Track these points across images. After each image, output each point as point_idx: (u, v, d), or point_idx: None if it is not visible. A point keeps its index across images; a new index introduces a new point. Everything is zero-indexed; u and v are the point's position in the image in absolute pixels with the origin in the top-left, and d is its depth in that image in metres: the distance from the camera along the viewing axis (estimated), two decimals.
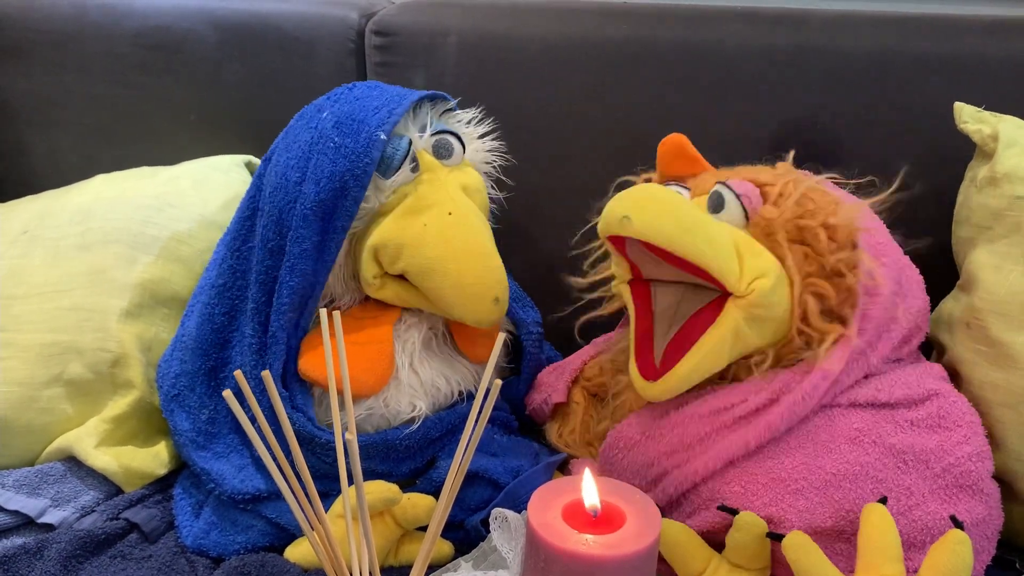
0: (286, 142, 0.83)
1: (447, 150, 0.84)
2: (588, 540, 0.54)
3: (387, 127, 0.79)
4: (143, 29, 1.16)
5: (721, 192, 0.76)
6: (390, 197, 0.81)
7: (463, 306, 0.78)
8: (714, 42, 0.98)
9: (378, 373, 0.81)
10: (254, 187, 0.86)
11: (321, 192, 0.78)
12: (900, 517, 0.67)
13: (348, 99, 0.83)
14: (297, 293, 0.80)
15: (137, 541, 0.80)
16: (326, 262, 0.80)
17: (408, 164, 0.80)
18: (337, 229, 0.79)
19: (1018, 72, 0.88)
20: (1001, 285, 0.77)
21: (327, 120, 0.80)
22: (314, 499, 0.47)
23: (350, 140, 0.78)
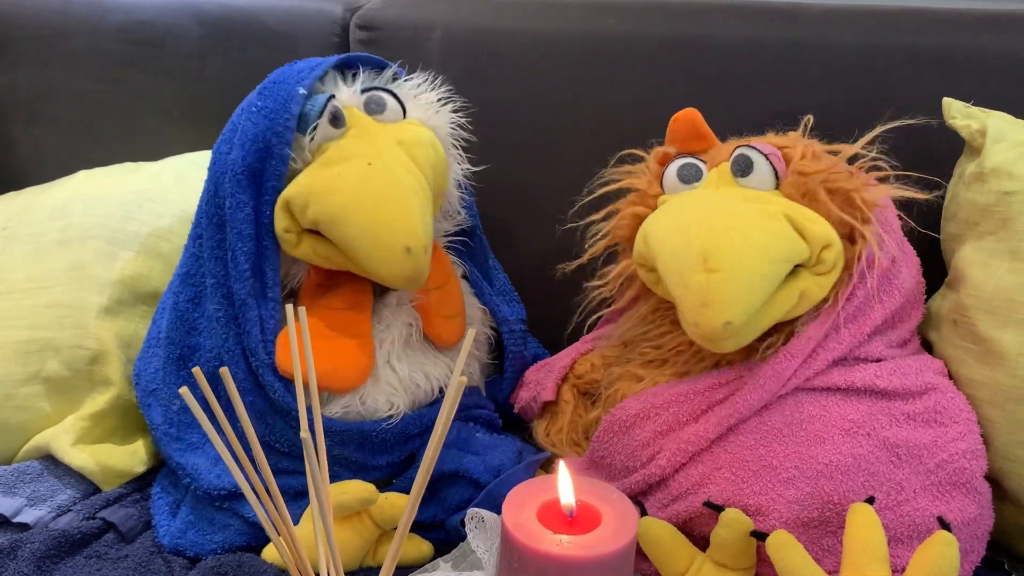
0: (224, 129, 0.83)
1: (379, 105, 0.83)
2: (562, 541, 0.53)
3: (307, 82, 0.78)
4: (127, 24, 1.15)
5: (748, 154, 0.74)
6: (315, 156, 0.79)
7: (372, 257, 0.73)
8: (704, 36, 0.97)
9: (358, 367, 0.79)
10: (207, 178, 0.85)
11: (248, 156, 0.77)
12: (889, 511, 0.67)
13: (277, 72, 0.82)
14: (250, 257, 0.78)
15: (113, 541, 0.79)
16: (266, 226, 0.78)
17: (327, 118, 0.78)
18: (268, 190, 0.78)
19: (1009, 66, 0.88)
20: (988, 282, 0.76)
21: (253, 94, 0.80)
22: (277, 499, 0.46)
23: (270, 101, 0.78)
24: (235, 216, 0.77)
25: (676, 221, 0.72)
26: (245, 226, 0.78)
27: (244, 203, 0.77)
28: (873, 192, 0.74)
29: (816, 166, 0.73)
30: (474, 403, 0.88)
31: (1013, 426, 0.72)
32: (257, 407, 0.79)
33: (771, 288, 0.68)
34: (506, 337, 0.95)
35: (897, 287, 0.76)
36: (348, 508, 0.71)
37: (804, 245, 0.69)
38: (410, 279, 0.75)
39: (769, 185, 0.74)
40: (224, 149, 0.80)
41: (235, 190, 0.77)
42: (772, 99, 0.94)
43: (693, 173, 0.79)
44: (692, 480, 0.71)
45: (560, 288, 0.92)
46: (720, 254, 0.66)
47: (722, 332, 0.66)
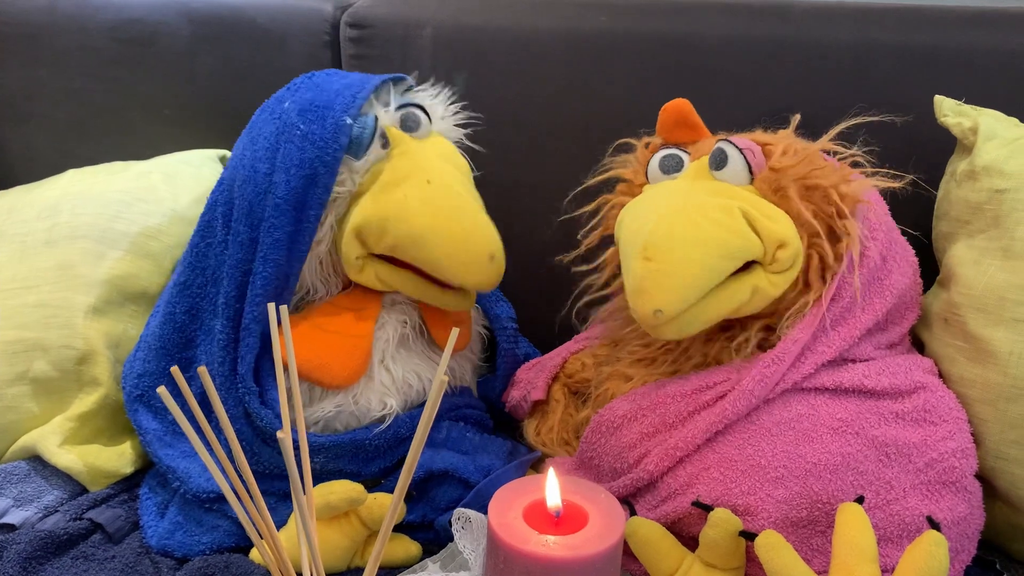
0: (251, 136, 0.82)
1: (415, 122, 0.83)
2: (548, 541, 0.53)
3: (352, 111, 0.78)
4: (117, 22, 1.14)
5: (724, 148, 0.74)
6: (365, 177, 0.79)
7: (459, 269, 0.77)
8: (694, 34, 0.97)
9: (352, 366, 0.79)
10: (218, 186, 0.84)
11: (291, 180, 0.77)
12: (878, 511, 0.66)
13: (309, 87, 0.82)
14: (271, 283, 0.78)
15: (100, 542, 0.78)
16: (299, 251, 0.79)
17: (378, 141, 0.79)
18: (310, 218, 0.78)
19: (1000, 64, 0.87)
20: (979, 280, 0.75)
21: (291, 109, 0.79)
22: (259, 502, 0.45)
23: (316, 127, 0.77)
24: (266, 240, 0.77)
25: (640, 210, 0.74)
26: (272, 251, 0.77)
27: (278, 227, 0.77)
28: (854, 186, 0.73)
29: (789, 162, 0.73)
30: (465, 403, 0.88)
31: (1004, 425, 0.72)
32: (244, 436, 0.79)
33: (712, 282, 0.68)
34: (498, 335, 0.95)
35: (888, 287, 0.75)
36: (335, 509, 0.71)
37: (756, 242, 0.69)
38: (496, 281, 0.80)
39: (743, 180, 0.74)
40: (263, 169, 0.79)
41: (273, 215, 0.77)
42: (761, 96, 0.94)
43: (674, 164, 0.78)
44: (681, 481, 0.71)
45: (553, 287, 0.92)
46: (659, 244, 0.68)
47: (653, 319, 0.67)
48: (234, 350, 0.80)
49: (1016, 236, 0.74)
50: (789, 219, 0.72)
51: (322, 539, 0.72)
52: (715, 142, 0.77)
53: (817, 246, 0.73)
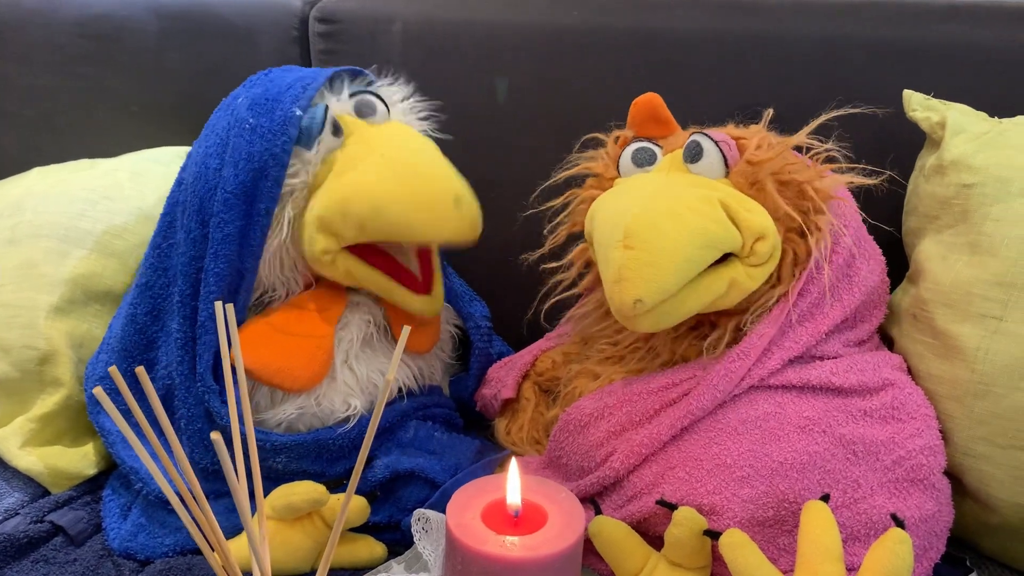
0: (205, 133, 0.81)
1: (369, 108, 0.82)
2: (506, 541, 0.52)
3: (302, 102, 0.77)
4: (83, 18, 1.13)
5: (699, 140, 0.74)
6: (320, 167, 0.78)
7: (428, 223, 0.75)
8: (665, 29, 0.96)
9: (314, 368, 0.78)
10: (177, 185, 0.83)
11: (240, 175, 0.75)
12: (845, 509, 0.66)
13: (263, 82, 0.81)
14: (224, 279, 0.77)
15: (62, 545, 0.77)
16: (251, 247, 0.77)
17: (328, 129, 0.78)
18: (260, 212, 0.76)
19: (969, 58, 0.87)
20: (946, 275, 0.75)
21: (242, 104, 0.78)
22: (203, 504, 0.44)
23: (265, 119, 0.76)
24: (216, 236, 0.76)
25: (615, 201, 0.72)
26: (223, 247, 0.76)
27: (228, 222, 0.76)
28: (827, 182, 0.73)
29: (765, 155, 0.72)
30: (433, 402, 0.87)
31: (972, 421, 0.72)
32: (205, 435, 0.78)
33: (692, 272, 0.67)
34: (472, 334, 0.94)
35: (857, 284, 0.75)
36: (298, 509, 0.70)
37: (736, 233, 0.69)
38: (471, 229, 0.77)
39: (718, 173, 0.73)
40: (213, 164, 0.77)
41: (222, 210, 0.76)
42: (734, 91, 0.94)
43: (647, 157, 0.78)
44: (647, 480, 0.70)
45: (524, 285, 0.91)
46: (640, 232, 0.66)
47: (632, 309, 0.66)
48: (192, 349, 0.78)
49: (983, 231, 0.73)
50: (766, 212, 0.71)
51: (285, 540, 0.71)
52: (688, 135, 0.76)
53: (791, 240, 0.72)
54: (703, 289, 0.69)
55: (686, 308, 0.70)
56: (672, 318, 0.70)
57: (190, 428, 0.78)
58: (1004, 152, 0.75)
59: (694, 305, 0.70)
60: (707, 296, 0.70)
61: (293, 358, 0.78)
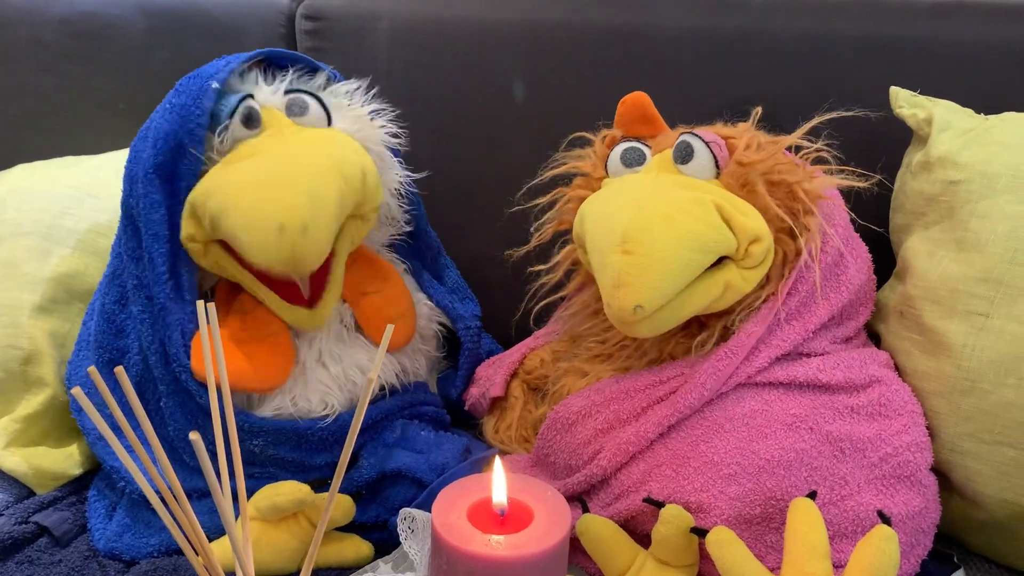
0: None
1: (300, 107, 0.80)
2: (492, 541, 0.52)
3: (220, 76, 0.77)
4: (69, 15, 1.12)
5: (689, 141, 0.73)
6: (231, 155, 0.76)
7: (248, 241, 0.69)
8: (651, 26, 0.96)
9: (277, 364, 0.78)
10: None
11: (159, 154, 0.75)
12: (832, 506, 0.66)
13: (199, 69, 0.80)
14: (166, 259, 0.76)
15: (47, 545, 0.77)
16: (180, 226, 0.76)
17: (238, 118, 0.76)
18: (182, 190, 0.75)
19: (956, 55, 0.87)
20: (933, 272, 0.75)
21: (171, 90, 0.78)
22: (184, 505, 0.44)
23: (184, 97, 0.76)
24: (149, 216, 0.75)
25: (607, 203, 0.72)
26: (159, 227, 0.75)
27: (158, 203, 0.75)
28: (816, 183, 0.73)
29: (756, 157, 0.72)
30: (420, 400, 0.87)
31: (958, 418, 0.72)
32: (187, 408, 0.77)
33: (689, 276, 0.67)
34: (462, 334, 0.94)
35: (845, 283, 0.75)
36: (283, 509, 0.70)
37: (731, 236, 0.68)
38: (286, 260, 0.69)
39: (709, 173, 0.73)
40: (140, 147, 0.78)
41: (148, 190, 0.75)
42: (719, 88, 0.94)
43: (636, 157, 0.77)
44: (634, 478, 0.70)
45: (512, 282, 0.91)
46: (639, 237, 0.66)
47: (632, 315, 0.65)
48: (161, 330, 0.77)
49: (969, 228, 0.73)
50: (759, 214, 0.71)
51: (271, 541, 0.71)
52: (677, 135, 0.76)
53: (782, 241, 0.72)
54: (700, 293, 0.69)
55: (683, 312, 0.70)
56: (669, 323, 0.70)
57: (169, 403, 0.77)
58: (990, 148, 0.75)
59: (691, 309, 0.70)
60: (703, 300, 0.70)
61: (253, 361, 0.77)
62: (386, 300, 0.85)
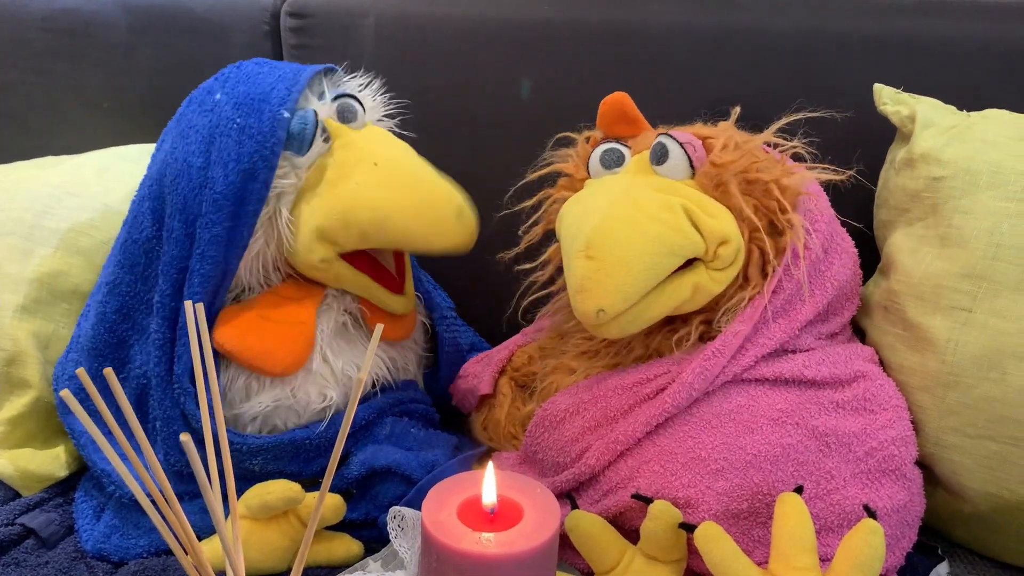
0: (180, 129, 0.80)
1: (352, 113, 0.81)
2: (482, 538, 0.52)
3: (289, 104, 0.77)
4: (50, 12, 1.11)
5: (664, 142, 0.74)
6: (310, 172, 0.78)
7: (431, 234, 0.76)
8: (637, 22, 0.96)
9: (296, 354, 0.78)
10: (145, 181, 0.82)
11: (229, 175, 0.75)
12: (818, 500, 0.67)
13: (240, 78, 0.79)
14: (209, 281, 0.76)
15: (34, 547, 0.77)
16: (237, 248, 0.77)
17: (320, 136, 0.78)
18: (248, 213, 0.76)
19: (939, 52, 0.88)
20: (917, 268, 0.76)
21: (224, 102, 0.77)
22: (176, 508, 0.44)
23: (254, 120, 0.76)
24: (203, 236, 0.75)
25: (580, 206, 0.73)
26: (209, 248, 0.75)
27: (216, 223, 0.75)
28: (795, 179, 0.73)
29: (730, 157, 0.72)
30: (409, 397, 0.87)
31: (942, 412, 0.72)
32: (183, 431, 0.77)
33: (654, 280, 0.68)
34: (439, 324, 0.94)
35: (830, 279, 0.76)
36: (273, 509, 0.70)
37: (699, 239, 0.69)
38: (470, 238, 0.79)
39: (684, 174, 0.74)
40: (198, 163, 0.76)
41: (212, 210, 0.75)
42: (706, 85, 0.94)
43: (615, 158, 0.78)
44: (622, 474, 0.71)
45: (499, 279, 0.91)
46: (601, 242, 0.67)
47: (595, 319, 0.67)
48: (171, 350, 0.78)
49: (953, 224, 0.74)
50: (730, 215, 0.71)
51: (261, 540, 0.71)
52: (655, 136, 0.76)
53: (758, 240, 0.73)
54: (667, 295, 0.70)
55: (651, 314, 0.71)
56: (637, 324, 0.71)
57: (165, 430, 0.78)
58: (972, 145, 0.76)
59: (659, 311, 0.71)
60: (671, 302, 0.71)
61: (275, 342, 0.77)
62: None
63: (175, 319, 0.78)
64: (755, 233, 0.72)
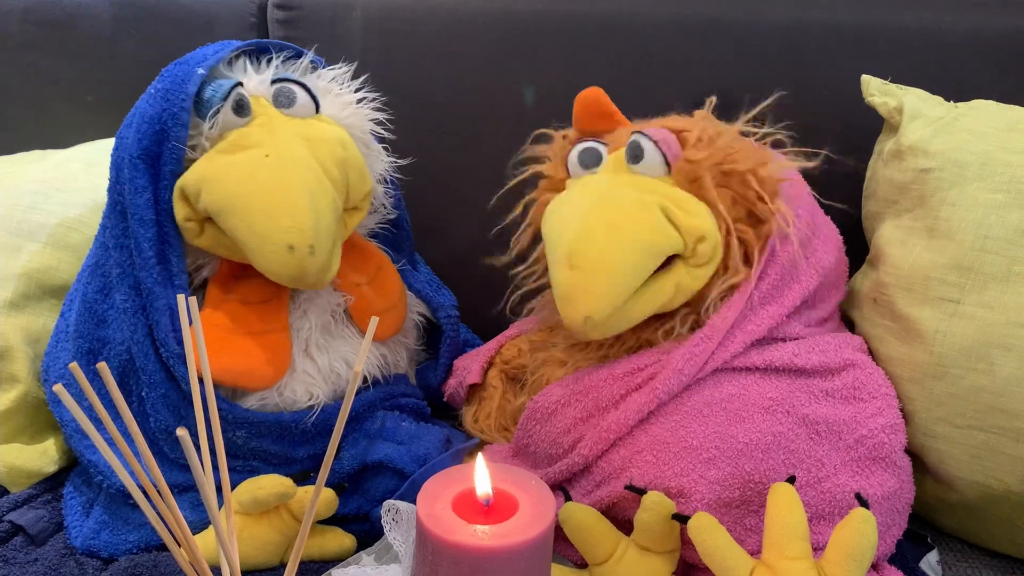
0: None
1: (288, 98, 0.80)
2: (477, 531, 0.52)
3: (208, 63, 0.76)
4: (32, 4, 1.10)
5: (639, 141, 0.74)
6: (219, 143, 0.76)
7: (256, 251, 0.71)
8: (626, 15, 0.96)
9: (276, 364, 0.77)
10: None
11: (144, 139, 0.74)
12: (810, 488, 0.67)
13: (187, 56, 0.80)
14: (154, 244, 0.75)
15: (22, 544, 0.76)
16: (166, 211, 0.76)
17: (230, 105, 0.76)
18: (167, 175, 0.75)
19: (926, 43, 0.88)
20: (906, 259, 0.76)
21: (160, 75, 0.78)
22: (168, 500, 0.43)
23: (168, 82, 0.76)
24: (135, 202, 0.75)
25: (561, 212, 0.74)
26: (145, 212, 0.75)
27: (143, 188, 0.74)
28: (771, 168, 0.73)
29: (703, 152, 0.73)
30: (401, 391, 0.87)
31: (931, 402, 0.73)
32: (171, 400, 0.76)
33: (636, 282, 0.69)
34: (443, 322, 0.94)
35: (814, 265, 0.76)
36: (264, 503, 0.69)
37: (676, 238, 0.70)
38: (295, 278, 0.72)
39: (660, 171, 0.74)
40: (124, 133, 0.77)
41: (133, 175, 0.74)
42: (692, 77, 0.94)
43: (593, 158, 0.78)
44: (615, 465, 0.71)
45: (490, 276, 0.91)
46: (583, 252, 0.68)
47: (582, 326, 0.69)
48: (145, 316, 0.76)
49: (940, 215, 0.75)
50: (707, 210, 0.72)
51: (252, 535, 0.70)
52: (631, 133, 0.76)
53: (738, 231, 0.73)
54: (649, 296, 0.71)
55: (635, 315, 0.72)
56: (622, 326, 0.72)
57: (152, 394, 0.76)
58: (960, 136, 0.77)
59: (643, 311, 0.72)
60: (655, 302, 0.72)
61: (254, 358, 0.76)
62: (379, 290, 0.86)
63: (138, 286, 0.76)
64: (736, 223, 0.73)
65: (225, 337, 0.76)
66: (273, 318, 0.79)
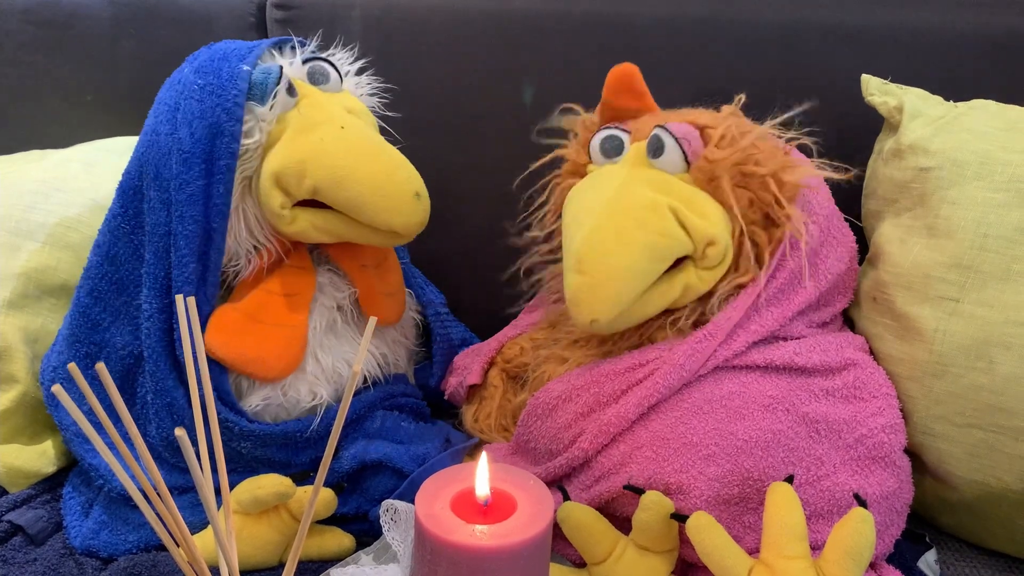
0: (154, 110, 0.80)
1: (323, 75, 0.81)
2: (475, 531, 0.52)
3: (250, 59, 0.77)
4: (31, 4, 1.09)
5: (660, 136, 0.74)
6: (274, 126, 0.77)
7: (383, 208, 0.75)
8: (625, 13, 0.96)
9: (288, 357, 0.78)
10: (126, 175, 0.81)
11: (195, 132, 0.74)
12: (809, 487, 0.67)
13: (207, 52, 0.79)
14: (193, 241, 0.75)
15: (21, 544, 0.76)
16: (217, 207, 0.76)
17: (283, 88, 0.76)
18: (221, 169, 0.75)
19: (926, 43, 0.88)
20: (905, 258, 0.76)
21: (188, 73, 0.77)
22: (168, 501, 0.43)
23: (212, 78, 0.76)
24: (179, 198, 0.74)
25: (576, 209, 0.74)
26: (187, 208, 0.74)
27: (189, 182, 0.74)
28: (793, 174, 0.73)
29: (724, 152, 0.72)
30: (400, 391, 0.87)
31: (931, 401, 0.73)
32: (177, 406, 0.76)
33: (644, 284, 0.70)
34: (432, 320, 0.94)
35: (823, 272, 0.76)
36: (264, 503, 0.69)
37: (686, 241, 0.71)
38: (421, 223, 0.78)
39: (679, 168, 0.74)
40: (165, 130, 0.76)
41: (182, 171, 0.74)
42: (692, 76, 0.94)
43: (615, 147, 0.78)
44: (614, 460, 0.71)
45: (488, 273, 0.91)
46: (591, 257, 0.69)
47: (590, 327, 0.70)
48: (166, 317, 0.76)
49: (940, 214, 0.75)
50: (721, 212, 0.72)
51: (252, 534, 0.71)
52: (654, 125, 0.76)
53: (752, 233, 0.73)
54: (657, 296, 0.72)
55: (642, 314, 0.72)
56: (629, 323, 0.73)
57: (158, 402, 0.76)
58: (960, 136, 0.76)
59: (650, 310, 0.73)
60: (663, 302, 0.73)
61: (267, 347, 0.77)
62: (382, 275, 0.86)
63: (166, 287, 0.76)
64: (752, 226, 0.73)
65: (244, 323, 0.77)
66: (294, 313, 0.79)
